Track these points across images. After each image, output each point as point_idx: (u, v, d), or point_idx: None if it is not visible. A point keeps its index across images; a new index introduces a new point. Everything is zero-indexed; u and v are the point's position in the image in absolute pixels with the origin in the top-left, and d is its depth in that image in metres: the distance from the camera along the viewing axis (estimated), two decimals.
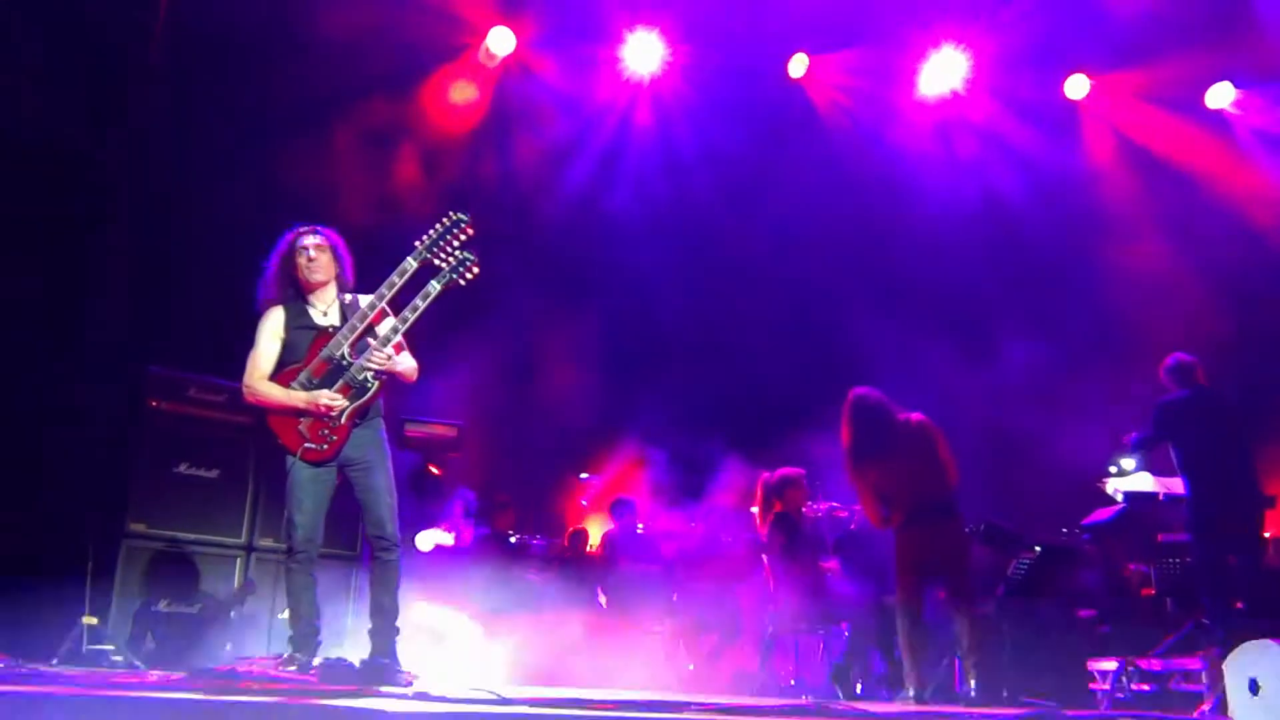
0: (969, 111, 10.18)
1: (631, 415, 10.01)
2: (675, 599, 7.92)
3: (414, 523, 8.00)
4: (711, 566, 8.08)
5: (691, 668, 7.54)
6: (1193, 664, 6.15)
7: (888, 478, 5.95)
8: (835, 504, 8.52)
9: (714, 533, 8.56)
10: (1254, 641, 3.38)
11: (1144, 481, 7.14)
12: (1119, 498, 7.33)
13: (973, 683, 5.61)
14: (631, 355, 10.03)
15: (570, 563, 8.43)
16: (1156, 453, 7.08)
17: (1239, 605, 5.97)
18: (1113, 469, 7.73)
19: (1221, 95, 10.26)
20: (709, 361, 10.10)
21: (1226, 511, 6.13)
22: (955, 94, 10.05)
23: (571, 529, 9.09)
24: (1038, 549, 7.31)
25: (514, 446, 9.79)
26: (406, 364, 4.79)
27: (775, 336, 10.10)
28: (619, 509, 8.58)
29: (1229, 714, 3.47)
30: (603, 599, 7.97)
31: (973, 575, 6.10)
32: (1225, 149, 10.20)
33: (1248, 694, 3.31)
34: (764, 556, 7.84)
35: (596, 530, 9.05)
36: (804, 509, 7.80)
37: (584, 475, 9.88)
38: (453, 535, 8.05)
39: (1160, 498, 6.93)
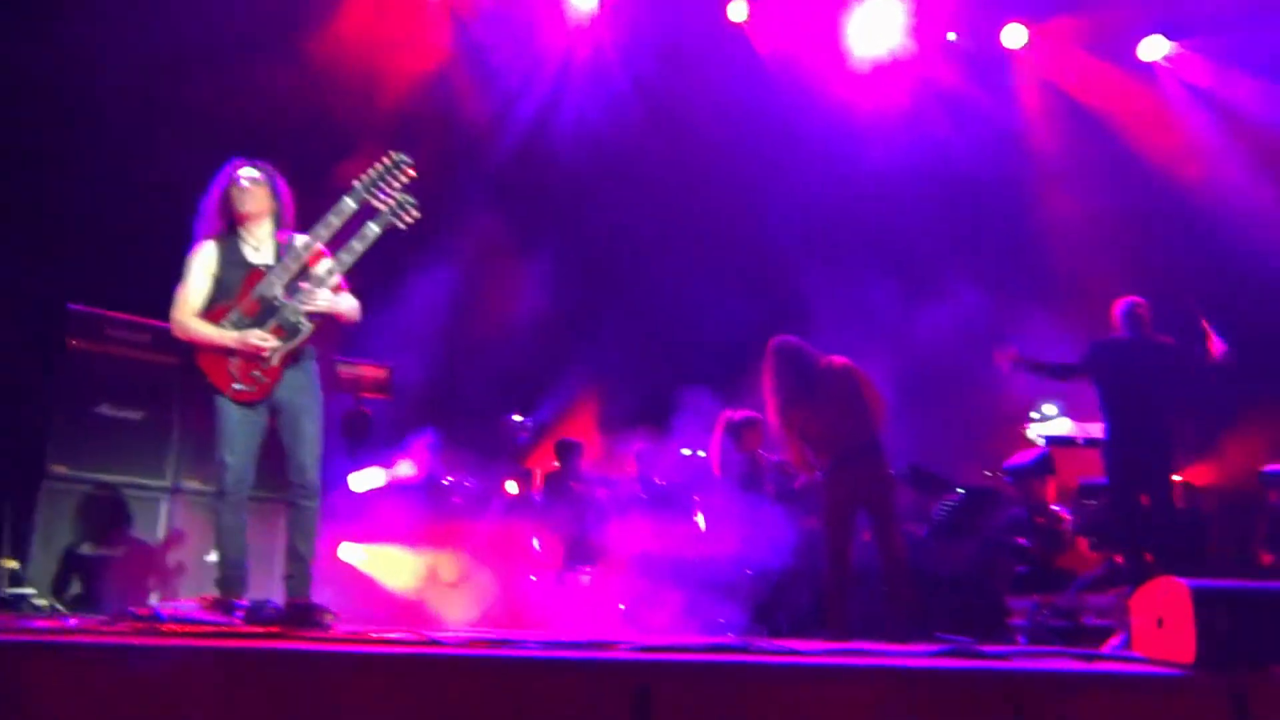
0: (909, 60, 10.20)
1: (574, 357, 10.01)
2: (609, 541, 7.97)
3: (347, 464, 7.95)
4: (646, 509, 8.14)
5: (623, 608, 7.63)
6: (1105, 601, 6.38)
7: (812, 422, 6.02)
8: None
9: (649, 475, 8.61)
10: (1160, 579, 3.51)
11: (1065, 426, 7.33)
12: (1040, 441, 7.53)
13: (895, 621, 5.76)
14: (574, 298, 10.00)
15: (510, 505, 8.44)
16: (1078, 398, 7.27)
17: (1149, 545, 6.17)
18: (1035, 414, 7.93)
19: (1154, 48, 10.39)
20: (653, 305, 10.10)
21: (1142, 454, 6.31)
22: (895, 43, 10.06)
23: (516, 470, 9.08)
24: (961, 491, 7.49)
25: (451, 388, 9.73)
26: (348, 304, 4.71)
27: (721, 279, 10.11)
28: (562, 450, 8.59)
29: (1134, 648, 3.60)
30: (536, 542, 8.01)
31: (898, 516, 6.23)
32: (1155, 102, 10.37)
33: (1154, 629, 3.44)
34: (696, 497, 7.92)
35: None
36: (759, 452, 7.86)
37: (518, 417, 9.87)
38: (415, 466, 8.03)
39: (1079, 441, 7.12)
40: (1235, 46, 10.04)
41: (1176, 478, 7.13)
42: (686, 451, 8.89)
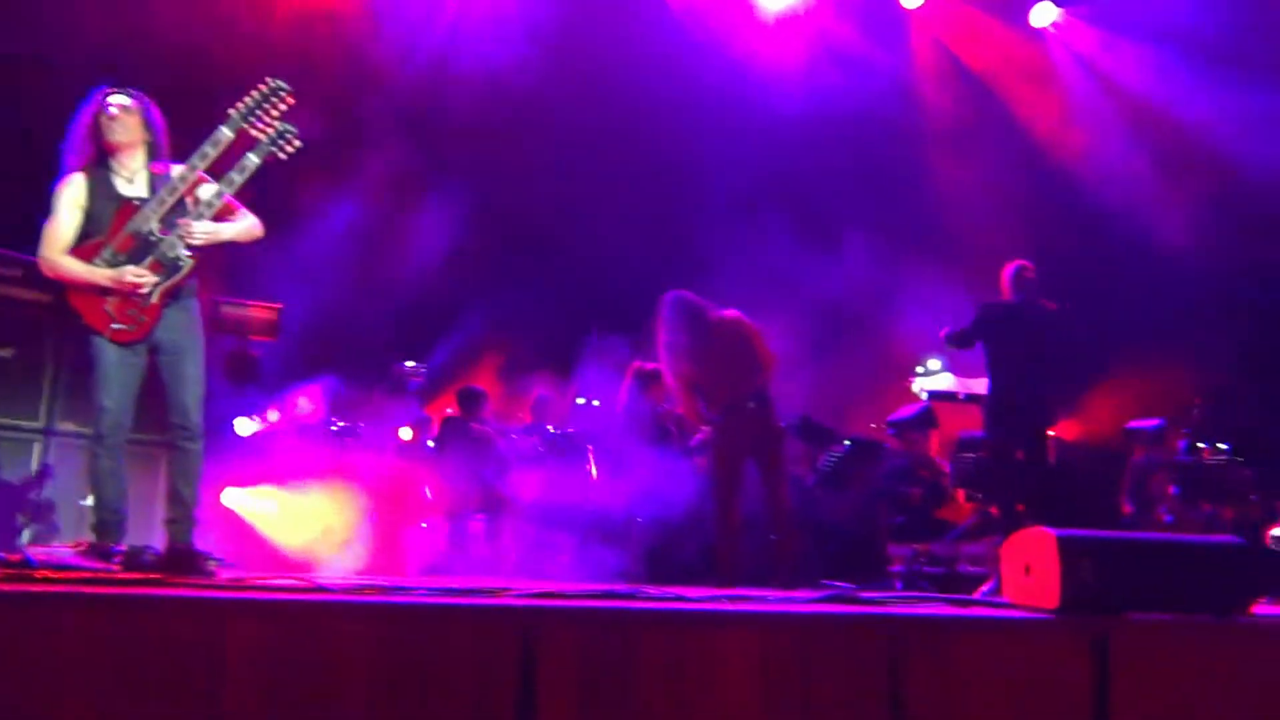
0: (812, 13, 10.25)
1: (474, 303, 9.88)
2: (503, 489, 7.97)
3: (232, 407, 7.76)
4: (541, 457, 8.15)
5: (514, 556, 7.66)
6: (979, 549, 6.66)
7: (704, 374, 6.10)
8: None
9: (545, 423, 8.61)
10: (1029, 528, 3.67)
11: (947, 381, 7.56)
12: (923, 396, 7.76)
13: (782, 569, 5.92)
14: (476, 243, 9.82)
15: (403, 451, 8.36)
16: (962, 355, 7.51)
17: (1021, 497, 6.45)
18: (919, 369, 8.16)
19: (1044, 14, 10.66)
20: (555, 252, 10.02)
21: (1022, 411, 6.56)
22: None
23: (411, 416, 8.96)
24: (847, 443, 7.70)
25: (344, 330, 9.52)
26: (236, 229, 4.52)
27: (625, 227, 10.06)
28: (464, 398, 8.51)
29: (1003, 594, 3.77)
30: (428, 489, 7.96)
31: (786, 467, 6.37)
32: (1042, 67, 10.65)
33: (1022, 576, 3.60)
34: (590, 446, 7.96)
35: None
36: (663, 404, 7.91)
37: (411, 363, 9.73)
38: (305, 410, 7.87)
39: (960, 396, 7.36)
40: (1118, 14, 10.37)
41: (1050, 433, 7.43)
42: (582, 400, 8.92)
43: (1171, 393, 8.48)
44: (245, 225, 4.56)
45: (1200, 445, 8.17)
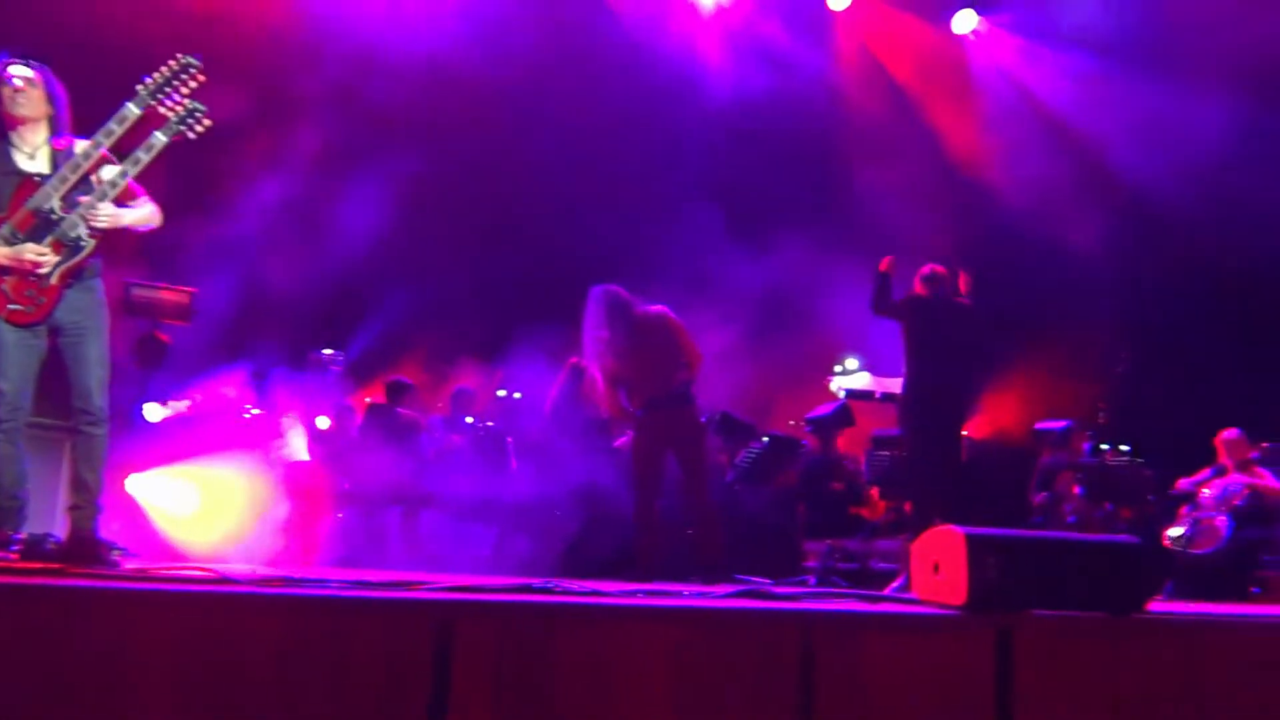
0: (745, 9, 10.32)
1: (398, 291, 9.75)
2: (423, 481, 7.90)
3: (140, 393, 7.55)
4: (461, 449, 8.10)
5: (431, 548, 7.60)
6: (890, 546, 6.78)
7: (628, 368, 6.12)
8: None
9: (465, 415, 8.55)
10: (940, 527, 3.75)
11: (864, 380, 7.68)
12: (841, 394, 7.88)
13: (700, 564, 5.97)
14: (401, 230, 9.66)
15: (320, 440, 8.23)
16: (877, 355, 7.65)
17: (933, 495, 6.57)
18: (837, 368, 8.29)
19: (965, 21, 10.88)
20: (480, 244, 9.92)
21: (936, 410, 6.68)
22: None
23: (331, 405, 8.82)
24: (765, 439, 7.78)
25: (262, 317, 9.32)
26: (137, 214, 4.39)
27: (552, 219, 10.01)
28: (392, 390, 8.40)
29: (913, 591, 3.85)
30: (346, 479, 7.85)
31: (707, 463, 6.41)
32: (963, 73, 10.88)
33: (932, 573, 3.67)
34: (510, 439, 7.93)
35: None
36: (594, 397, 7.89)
37: (327, 351, 9.58)
38: (218, 397, 7.69)
39: (877, 395, 7.49)
40: (1037, 22, 10.63)
41: (962, 432, 7.60)
42: (503, 393, 8.88)
43: (1078, 396, 8.75)
44: (145, 212, 4.43)
45: (1104, 447, 8.43)
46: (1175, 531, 7.89)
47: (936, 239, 8.78)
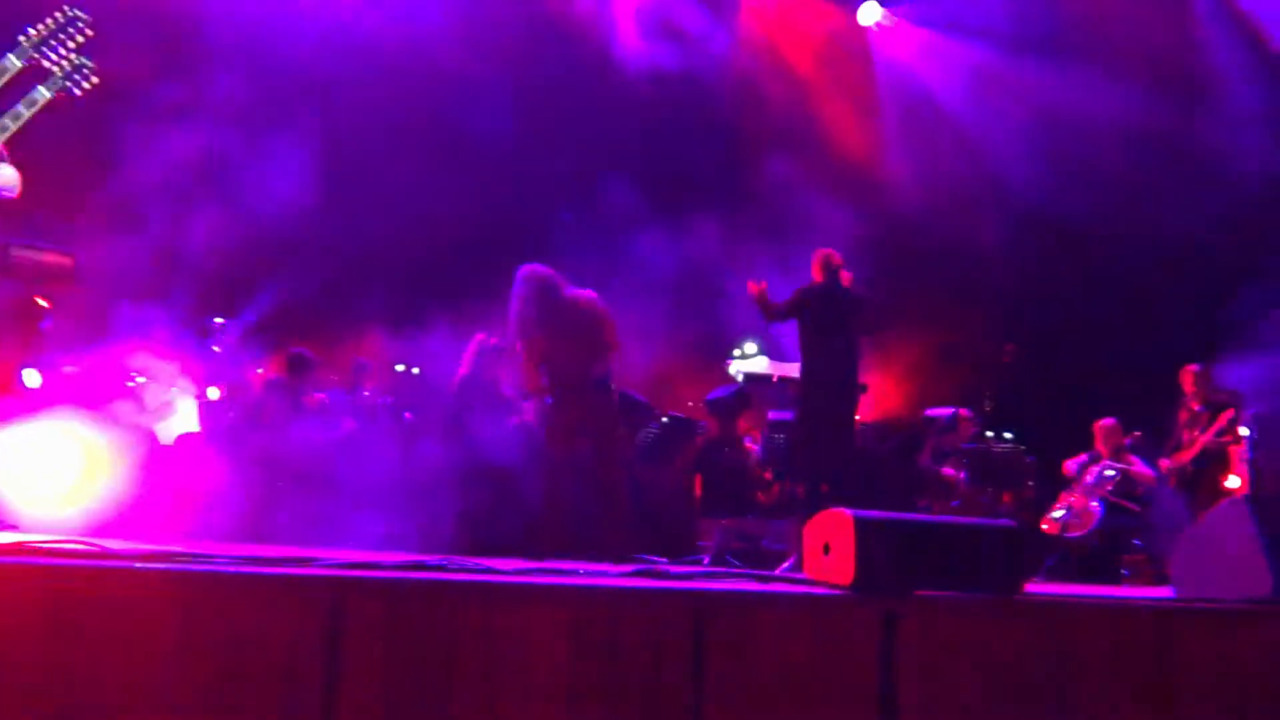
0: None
1: (297, 259, 9.50)
2: (320, 455, 7.75)
3: (17, 358, 7.23)
4: (358, 424, 7.97)
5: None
6: (783, 527, 6.92)
7: (551, 350, 6.16)
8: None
9: (360, 388, 8.41)
10: (831, 509, 3.84)
11: (761, 365, 7.80)
12: (739, 377, 7.99)
13: (603, 544, 6.02)
14: (307, 194, 9.38)
15: (210, 412, 8.02)
16: (778, 339, 7.77)
17: (826, 478, 6.73)
18: (736, 351, 8.40)
19: (870, 13, 11.07)
20: (385, 218, 9.72)
21: (830, 395, 6.83)
22: None
23: (222, 375, 8.58)
24: (664, 420, 7.85)
25: (151, 281, 8.98)
26: (2, 176, 4.21)
27: (460, 196, 9.85)
28: (293, 363, 8.19)
29: (804, 571, 3.93)
30: (237, 454, 7.65)
31: (618, 450, 6.48)
32: (866, 65, 11.07)
33: (821, 554, 3.75)
34: (407, 415, 7.83)
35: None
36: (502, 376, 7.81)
37: (219, 320, 9.30)
38: (105, 365, 7.43)
39: (774, 379, 7.61)
40: (941, 15, 10.86)
41: (855, 417, 7.78)
42: (402, 367, 8.76)
43: (966, 384, 9.03)
44: (10, 174, 4.25)
45: (988, 434, 8.73)
46: (1053, 515, 8.23)
47: (836, 227, 8.95)
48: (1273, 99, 9.40)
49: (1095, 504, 8.04)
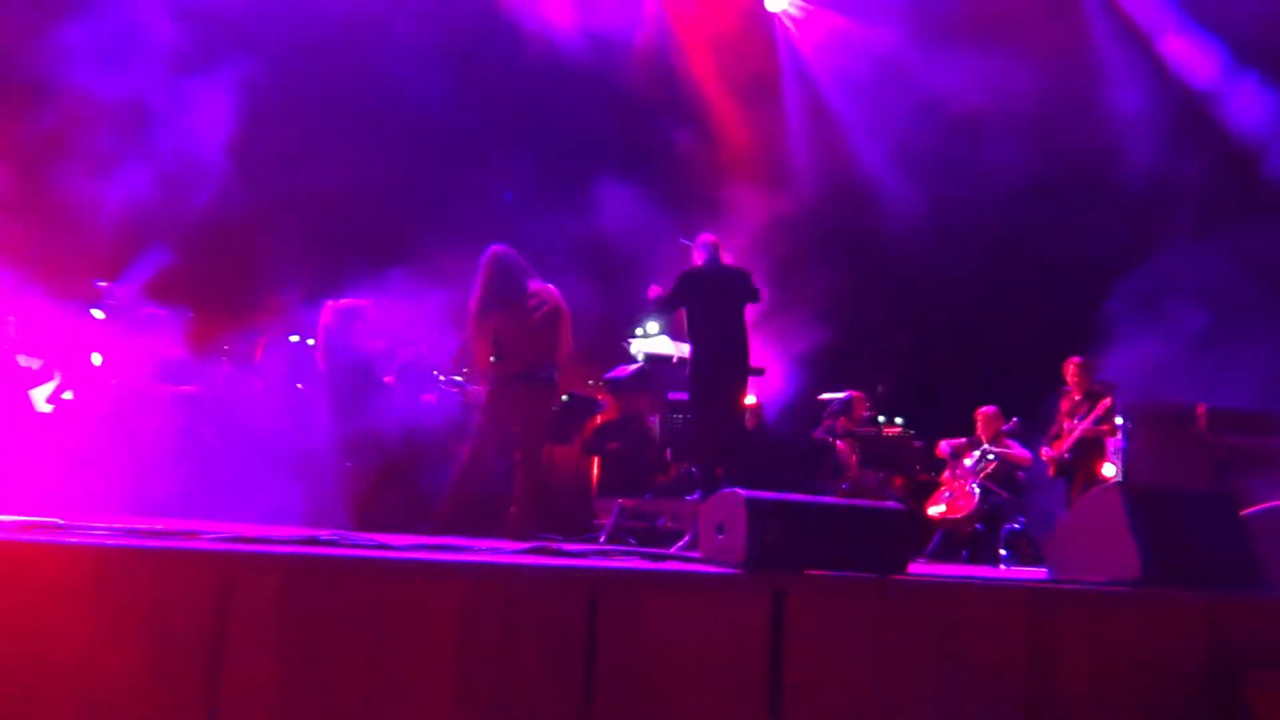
0: None
1: (176, 229, 9.18)
2: (204, 425, 7.57)
3: None
4: (253, 395, 7.79)
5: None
6: (678, 507, 7.00)
7: (510, 332, 6.17)
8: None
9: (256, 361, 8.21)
10: (725, 490, 3.90)
11: (662, 344, 7.85)
12: (640, 357, 8.02)
13: (514, 522, 6.05)
14: (196, 160, 9.05)
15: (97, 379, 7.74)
16: (677, 321, 7.82)
17: (720, 459, 6.81)
18: (638, 330, 8.44)
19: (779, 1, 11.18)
20: (283, 188, 9.45)
21: (719, 375, 6.90)
22: None
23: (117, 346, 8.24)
24: (565, 397, 7.85)
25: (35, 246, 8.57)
26: None
27: (362, 165, 9.64)
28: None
29: (698, 550, 4.00)
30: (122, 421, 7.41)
31: (546, 442, 6.52)
32: (771, 52, 11.18)
33: (715, 534, 3.82)
34: (299, 385, 7.68)
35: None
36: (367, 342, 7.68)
37: (102, 282, 8.94)
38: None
39: (674, 360, 7.67)
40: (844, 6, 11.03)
41: (750, 399, 7.90)
42: (296, 338, 8.58)
43: (859, 369, 9.25)
44: None
45: (880, 419, 8.97)
46: (937, 498, 8.50)
47: (738, 211, 9.04)
48: (1156, 101, 9.79)
49: (974, 487, 8.33)
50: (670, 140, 10.84)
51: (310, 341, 8.15)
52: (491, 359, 6.30)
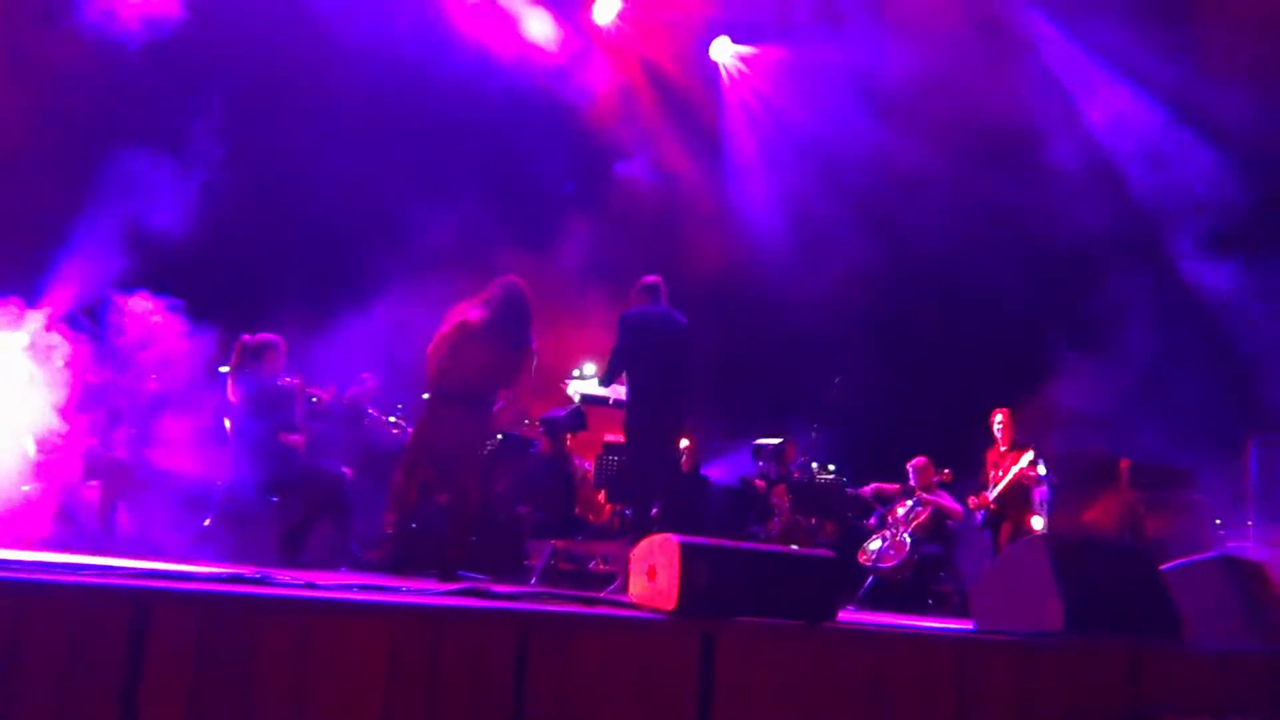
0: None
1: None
2: (124, 455, 7.37)
3: None
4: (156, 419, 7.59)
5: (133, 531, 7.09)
6: (611, 549, 6.96)
7: (437, 354, 6.09)
8: (316, 384, 8.31)
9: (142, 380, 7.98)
10: (657, 534, 3.90)
11: (598, 387, 7.86)
12: (576, 398, 8.02)
13: (443, 560, 5.94)
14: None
15: None
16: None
17: (655, 503, 6.80)
18: (575, 371, 8.44)
19: (722, 49, 11.36)
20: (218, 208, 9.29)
21: (656, 419, 6.90)
22: None
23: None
24: (499, 436, 7.80)
25: None
26: None
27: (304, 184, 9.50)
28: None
29: (629, 594, 3.97)
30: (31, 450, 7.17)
31: (473, 472, 6.39)
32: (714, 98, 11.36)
33: (648, 578, 3.80)
34: (226, 420, 7.54)
35: None
36: (279, 377, 7.56)
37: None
38: None
39: (610, 402, 7.67)
40: (791, 60, 11.24)
41: (684, 441, 7.91)
42: (226, 369, 8.40)
43: (796, 416, 9.33)
44: None
45: (814, 465, 9.04)
46: (868, 547, 8.57)
47: (679, 260, 9.12)
48: (1084, 159, 10.08)
49: (906, 536, 8.42)
50: (614, 180, 10.92)
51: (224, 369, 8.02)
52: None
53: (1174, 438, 8.71)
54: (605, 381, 7.11)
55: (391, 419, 8.39)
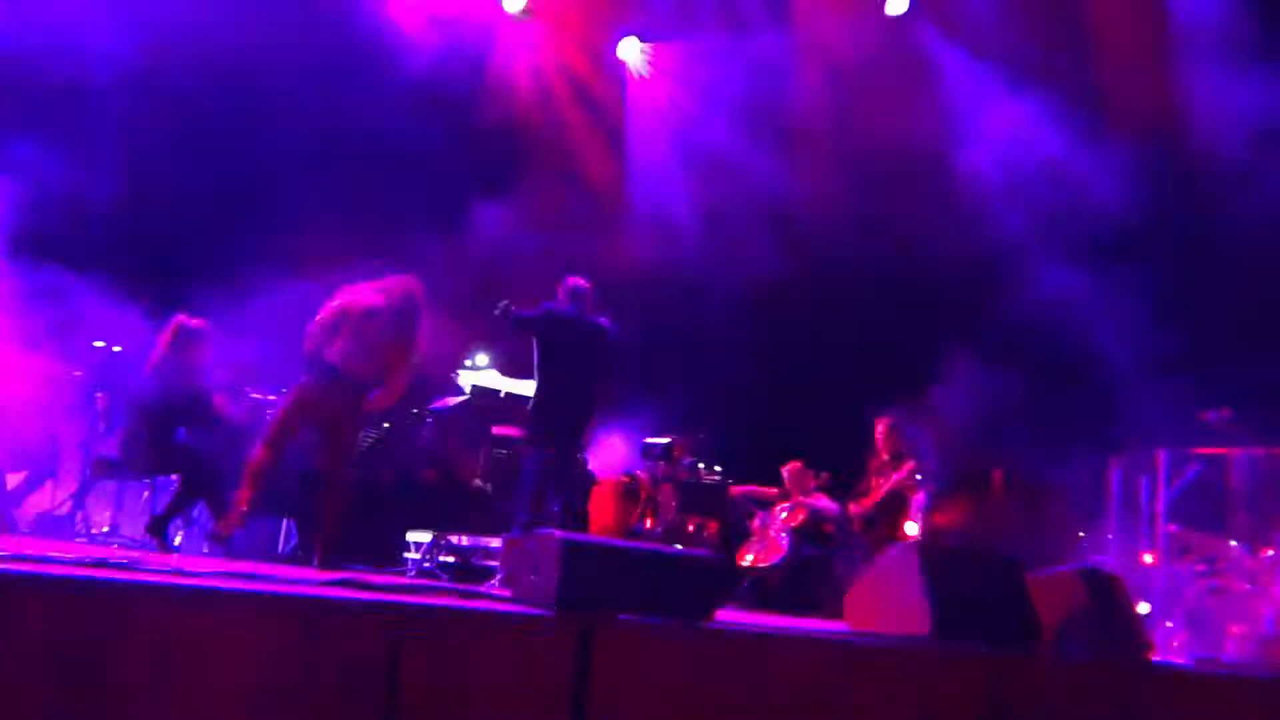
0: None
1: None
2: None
3: None
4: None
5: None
6: (495, 543, 6.92)
7: (361, 333, 6.01)
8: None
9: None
10: (539, 530, 3.90)
11: (491, 378, 7.79)
12: (467, 389, 7.93)
13: (321, 548, 5.82)
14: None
15: None
16: (507, 354, 7.78)
17: (544, 497, 6.77)
18: (467, 362, 8.35)
19: (630, 49, 11.38)
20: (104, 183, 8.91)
21: (561, 418, 6.87)
22: None
23: None
24: (386, 425, 7.69)
25: None
26: None
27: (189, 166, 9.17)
28: None
29: (508, 589, 3.97)
30: None
31: (349, 449, 6.26)
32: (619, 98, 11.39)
33: (529, 573, 3.81)
34: (100, 395, 7.27)
35: None
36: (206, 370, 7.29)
37: None
38: None
39: (501, 394, 7.61)
40: (693, 62, 11.32)
41: (583, 439, 7.89)
42: (100, 344, 8.09)
43: (684, 418, 9.40)
44: None
45: (700, 465, 9.13)
46: (748, 547, 8.71)
47: (578, 258, 9.10)
48: (977, 172, 10.34)
49: (784, 537, 8.57)
50: (518, 175, 10.85)
51: (117, 348, 7.72)
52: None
53: (1046, 450, 9.04)
54: (519, 324, 6.94)
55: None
